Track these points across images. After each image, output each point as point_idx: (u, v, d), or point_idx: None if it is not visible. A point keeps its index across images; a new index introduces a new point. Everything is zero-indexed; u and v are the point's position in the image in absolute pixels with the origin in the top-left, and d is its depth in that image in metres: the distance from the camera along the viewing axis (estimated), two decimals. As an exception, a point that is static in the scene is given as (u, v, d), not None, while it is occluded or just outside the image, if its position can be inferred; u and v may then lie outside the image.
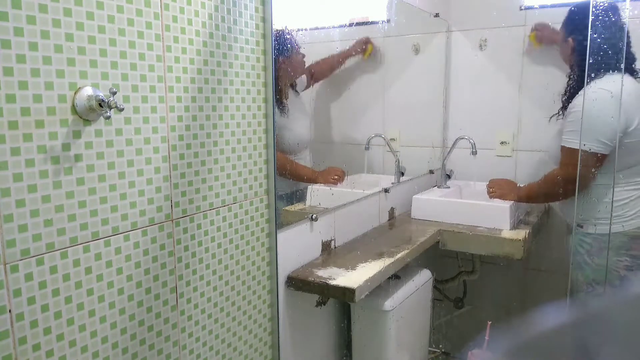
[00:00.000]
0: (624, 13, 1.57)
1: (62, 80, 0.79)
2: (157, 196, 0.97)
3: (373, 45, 1.76)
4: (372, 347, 1.58)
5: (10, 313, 0.75)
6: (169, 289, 1.01)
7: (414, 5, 2.01)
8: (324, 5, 1.49)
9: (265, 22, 1.20)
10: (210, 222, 1.10)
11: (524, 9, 2.12)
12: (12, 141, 0.73)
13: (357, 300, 1.24)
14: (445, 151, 2.29)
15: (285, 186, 1.34)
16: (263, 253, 1.27)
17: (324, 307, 1.53)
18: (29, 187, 0.76)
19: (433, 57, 2.25)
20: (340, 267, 1.36)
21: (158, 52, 0.94)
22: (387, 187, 1.87)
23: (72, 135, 0.81)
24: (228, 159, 1.13)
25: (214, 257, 1.12)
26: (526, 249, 1.69)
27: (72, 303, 0.83)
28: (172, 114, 0.98)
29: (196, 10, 1.01)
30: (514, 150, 2.22)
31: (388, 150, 1.93)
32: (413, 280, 1.70)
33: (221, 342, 1.16)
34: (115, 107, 0.81)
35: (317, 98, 1.53)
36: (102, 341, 0.89)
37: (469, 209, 1.84)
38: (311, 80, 1.48)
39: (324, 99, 1.58)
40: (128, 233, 0.92)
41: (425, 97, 2.24)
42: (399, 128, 2.03)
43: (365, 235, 1.71)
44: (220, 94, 1.09)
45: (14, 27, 0.72)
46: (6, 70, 0.72)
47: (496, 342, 1.75)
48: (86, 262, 0.85)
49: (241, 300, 1.21)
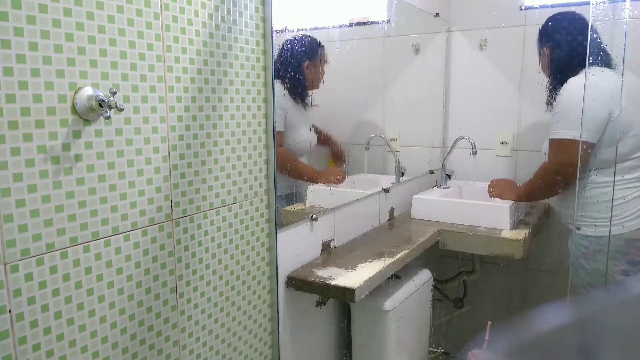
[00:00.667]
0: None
1: (62, 80, 0.79)
2: (157, 196, 0.97)
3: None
4: (372, 347, 1.58)
5: (10, 313, 0.75)
6: (169, 289, 1.01)
7: (414, 5, 2.01)
8: (324, 5, 1.49)
9: (265, 22, 1.20)
10: (210, 222, 1.10)
11: (524, 9, 2.12)
12: (12, 141, 0.73)
13: (357, 300, 1.24)
14: (445, 151, 2.29)
15: (285, 186, 1.35)
16: (263, 253, 1.27)
17: (324, 307, 1.53)
18: (29, 187, 0.76)
19: (433, 57, 2.25)
20: (340, 267, 1.36)
21: (158, 52, 0.94)
22: (387, 187, 1.87)
23: (72, 135, 0.81)
24: (228, 159, 1.13)
25: (214, 257, 1.12)
26: (526, 249, 1.69)
27: (72, 303, 0.83)
28: (172, 114, 0.98)
29: (196, 10, 1.01)
30: (514, 150, 2.22)
31: (388, 150, 1.93)
32: (413, 280, 1.70)
33: (221, 342, 1.16)
34: (115, 107, 0.81)
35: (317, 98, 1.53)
36: (102, 341, 0.89)
37: (469, 209, 1.84)
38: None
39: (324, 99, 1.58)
40: (128, 233, 0.92)
41: (425, 97, 2.24)
42: (399, 128, 2.03)
43: (365, 235, 1.71)
44: (220, 94, 1.09)
45: (14, 27, 0.72)
46: (6, 70, 0.72)
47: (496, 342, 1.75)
48: (86, 262, 0.85)
49: (241, 300, 1.21)
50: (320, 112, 1.55)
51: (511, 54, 2.16)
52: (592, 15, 1.59)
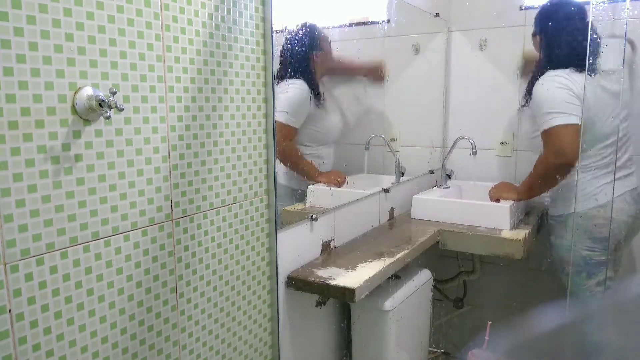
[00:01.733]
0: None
1: (62, 80, 0.79)
2: (157, 196, 0.97)
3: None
4: (372, 347, 1.58)
5: (10, 313, 0.75)
6: (169, 289, 1.01)
7: (414, 5, 2.01)
8: (324, 5, 1.49)
9: (265, 22, 1.20)
10: (210, 222, 1.10)
11: (524, 9, 2.12)
12: (12, 141, 0.73)
13: (357, 300, 1.24)
14: (445, 151, 2.29)
15: (285, 186, 1.35)
16: (263, 253, 1.27)
17: (324, 307, 1.53)
18: (29, 187, 0.76)
19: (433, 57, 2.25)
20: (340, 267, 1.36)
21: (158, 52, 0.94)
22: (387, 187, 1.87)
23: (72, 135, 0.81)
24: (228, 159, 1.13)
25: (214, 257, 1.12)
26: (526, 249, 1.69)
27: (72, 303, 0.83)
28: (172, 114, 0.98)
29: (196, 10, 1.01)
30: (514, 150, 2.22)
31: (388, 150, 1.93)
32: (413, 280, 1.70)
33: (221, 342, 1.16)
34: (115, 107, 0.81)
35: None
36: (102, 341, 0.89)
37: (469, 209, 1.84)
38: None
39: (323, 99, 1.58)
40: (128, 233, 0.92)
41: (425, 97, 2.24)
42: (399, 128, 2.03)
43: (365, 235, 1.71)
44: (220, 94, 1.09)
45: (14, 27, 0.72)
46: (6, 70, 0.72)
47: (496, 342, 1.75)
48: (86, 262, 0.85)
49: (241, 300, 1.21)
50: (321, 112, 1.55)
51: (511, 54, 2.16)
52: (592, 15, 1.59)
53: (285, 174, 1.34)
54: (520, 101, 1.96)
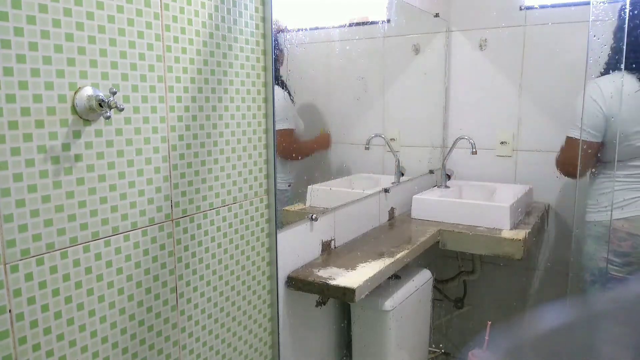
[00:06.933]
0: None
1: (62, 80, 0.79)
2: (157, 196, 0.97)
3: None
4: (372, 347, 1.58)
5: (10, 313, 0.75)
6: (169, 289, 1.01)
7: (414, 5, 2.01)
8: (323, 5, 1.49)
9: (265, 22, 1.20)
10: (210, 222, 1.10)
11: (524, 9, 2.12)
12: (12, 141, 0.73)
13: (357, 300, 1.24)
14: (445, 151, 2.29)
15: (285, 185, 1.35)
16: (263, 253, 1.27)
17: (324, 307, 1.53)
18: (29, 187, 0.76)
19: (433, 57, 2.25)
20: (340, 267, 1.36)
21: (158, 52, 0.94)
22: (387, 187, 1.87)
23: (72, 135, 0.81)
24: (228, 159, 1.13)
25: (214, 257, 1.12)
26: (526, 249, 1.69)
27: (72, 303, 0.83)
28: (172, 114, 0.98)
29: (196, 10, 1.01)
30: (514, 150, 2.22)
31: (388, 150, 1.93)
32: (413, 280, 1.70)
33: (221, 342, 1.16)
34: (115, 107, 0.81)
35: (316, 98, 1.53)
36: (102, 341, 0.89)
37: (469, 209, 1.84)
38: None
39: (324, 99, 1.58)
40: (128, 233, 0.92)
41: (425, 97, 2.24)
42: (399, 128, 2.03)
43: (365, 235, 1.71)
44: (220, 94, 1.09)
45: (14, 27, 0.72)
46: (6, 70, 0.72)
47: (496, 342, 1.75)
48: (86, 262, 0.85)
49: (241, 300, 1.21)
50: (319, 113, 1.55)
51: (511, 54, 2.16)
52: (592, 15, 1.59)
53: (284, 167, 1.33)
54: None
